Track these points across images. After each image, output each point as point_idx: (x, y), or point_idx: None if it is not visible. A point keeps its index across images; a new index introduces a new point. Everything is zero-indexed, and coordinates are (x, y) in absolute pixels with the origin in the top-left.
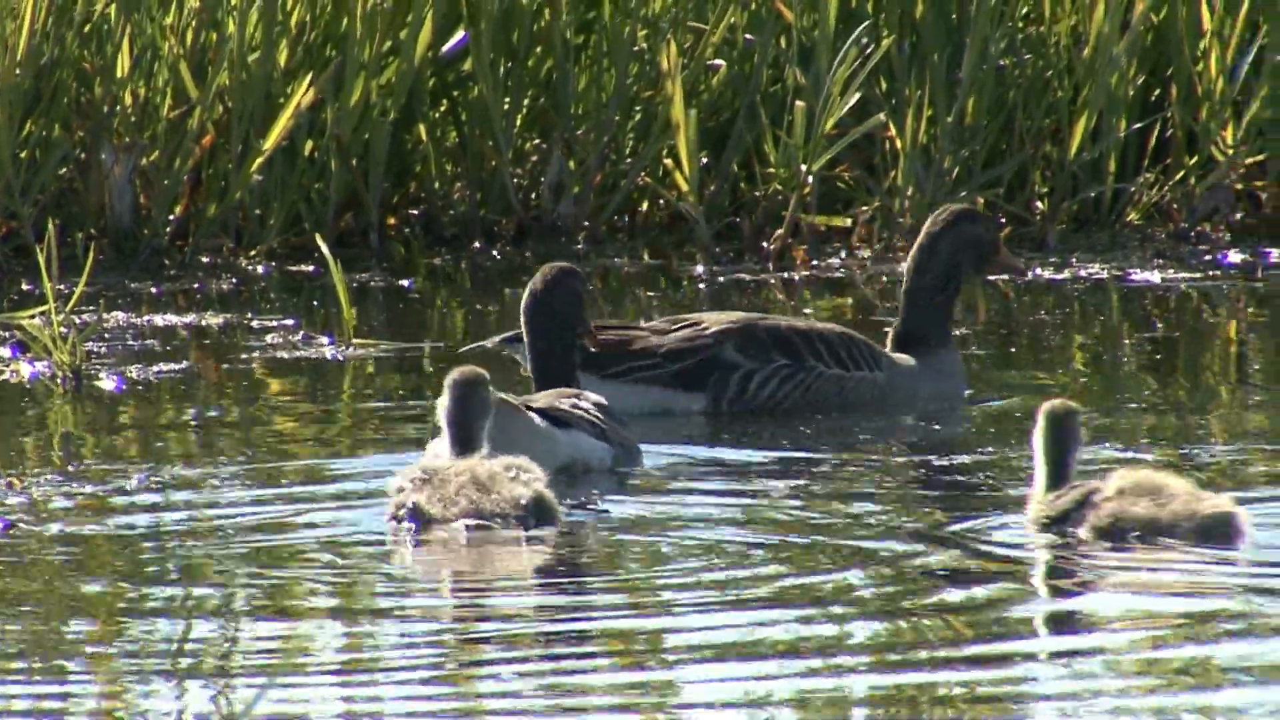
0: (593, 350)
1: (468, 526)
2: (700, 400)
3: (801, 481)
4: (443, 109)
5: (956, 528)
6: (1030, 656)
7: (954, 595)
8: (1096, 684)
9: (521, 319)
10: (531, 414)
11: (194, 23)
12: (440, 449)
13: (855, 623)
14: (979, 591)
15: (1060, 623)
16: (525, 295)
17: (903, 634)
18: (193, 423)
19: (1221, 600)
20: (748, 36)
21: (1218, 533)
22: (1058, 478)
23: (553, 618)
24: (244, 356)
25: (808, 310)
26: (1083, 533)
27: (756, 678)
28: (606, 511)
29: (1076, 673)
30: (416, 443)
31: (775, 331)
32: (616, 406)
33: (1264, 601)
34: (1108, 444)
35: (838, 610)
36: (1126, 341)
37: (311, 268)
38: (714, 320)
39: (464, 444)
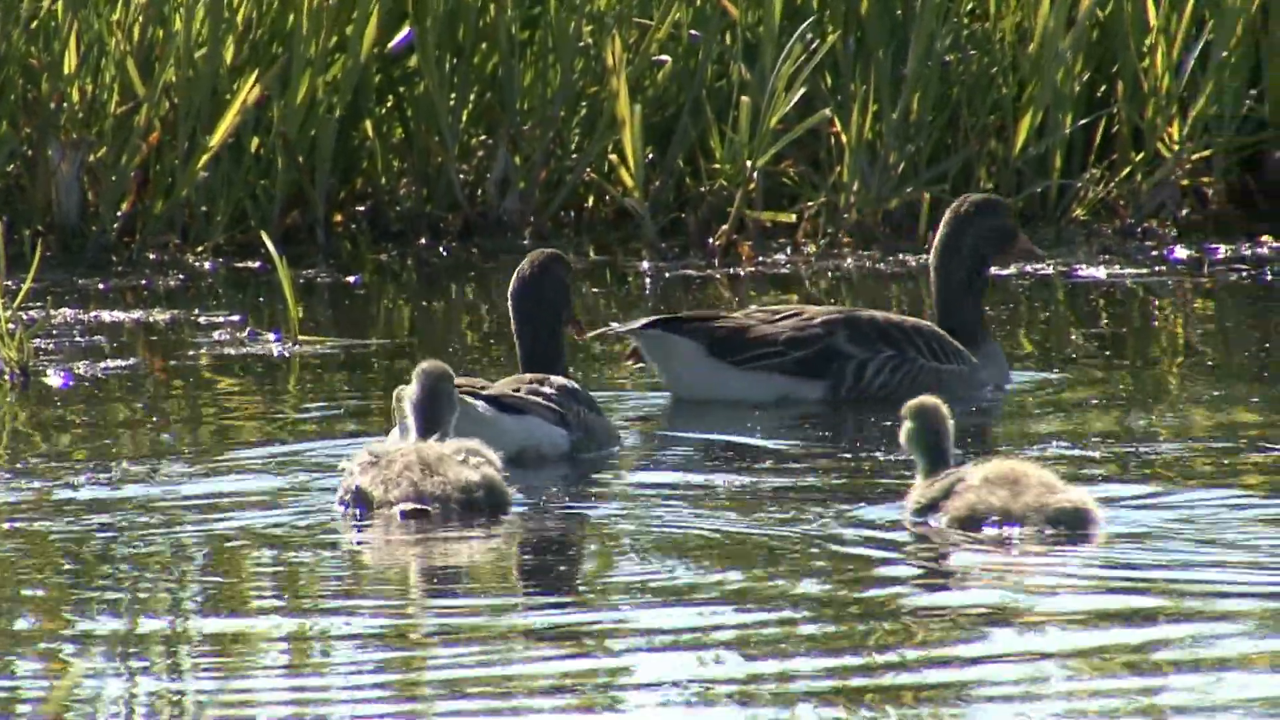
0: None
1: (403, 512)
2: (819, 389)
3: (765, 474)
4: (388, 105)
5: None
6: (978, 654)
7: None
8: (1047, 681)
9: (509, 304)
10: (476, 401)
11: (141, 19)
12: (397, 438)
13: (801, 615)
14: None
15: (996, 620)
16: (513, 280)
17: (850, 629)
18: (140, 419)
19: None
20: (693, 32)
21: (1068, 525)
22: (935, 466)
23: (494, 612)
24: (191, 353)
25: (752, 305)
26: (943, 521)
27: (703, 671)
28: (561, 499)
29: (1022, 672)
30: (361, 437)
31: (875, 323)
32: (735, 393)
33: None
34: (1057, 441)
35: (784, 607)
36: (1073, 337)
37: (258, 264)
38: (815, 310)
39: (429, 435)
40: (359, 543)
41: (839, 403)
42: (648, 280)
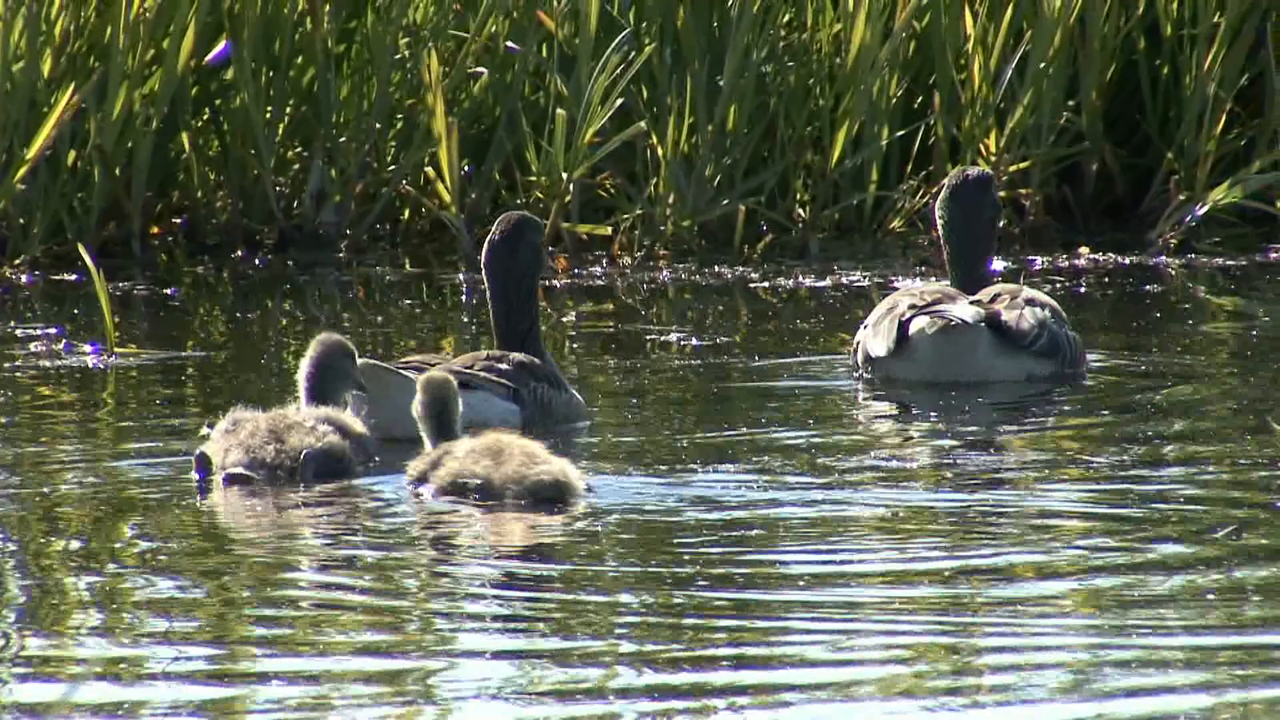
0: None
1: (225, 478)
2: (1049, 367)
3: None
4: (205, 118)
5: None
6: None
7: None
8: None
9: (483, 271)
10: (406, 373)
11: None
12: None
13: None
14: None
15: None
16: (485, 246)
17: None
18: None
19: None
20: (509, 45)
21: (545, 496)
22: (440, 438)
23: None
24: (7, 365)
25: (569, 316)
26: (430, 491)
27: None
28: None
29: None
30: (180, 447)
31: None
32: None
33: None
34: (875, 452)
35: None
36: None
37: (75, 276)
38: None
39: (319, 402)
40: (201, 508)
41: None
42: (463, 293)
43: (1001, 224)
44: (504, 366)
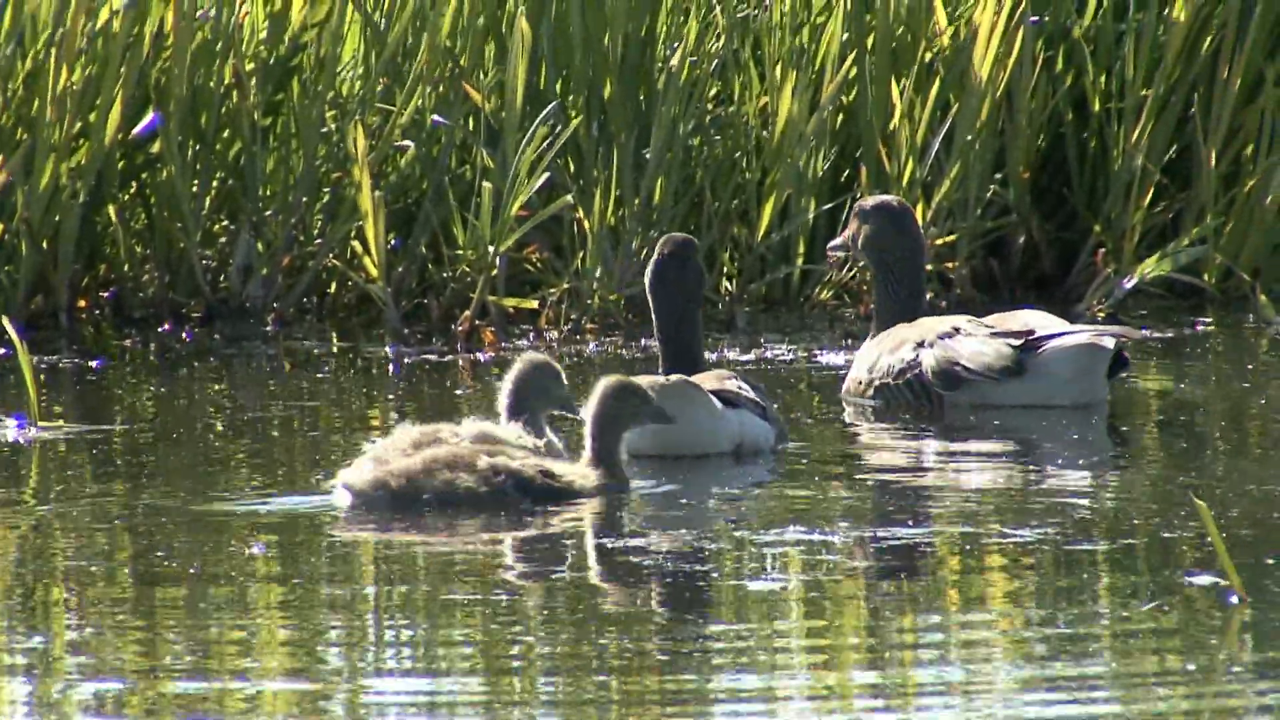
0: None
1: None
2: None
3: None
4: (132, 191)
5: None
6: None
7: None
8: None
9: (649, 292)
10: (712, 396)
11: None
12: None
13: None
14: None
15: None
16: (652, 267)
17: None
18: None
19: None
20: (436, 118)
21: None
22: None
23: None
24: None
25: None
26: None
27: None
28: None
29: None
30: (101, 521)
31: None
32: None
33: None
34: (796, 524)
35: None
36: (807, 422)
37: (1, 350)
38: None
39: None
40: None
41: None
42: (390, 366)
43: (929, 297)
44: (746, 386)
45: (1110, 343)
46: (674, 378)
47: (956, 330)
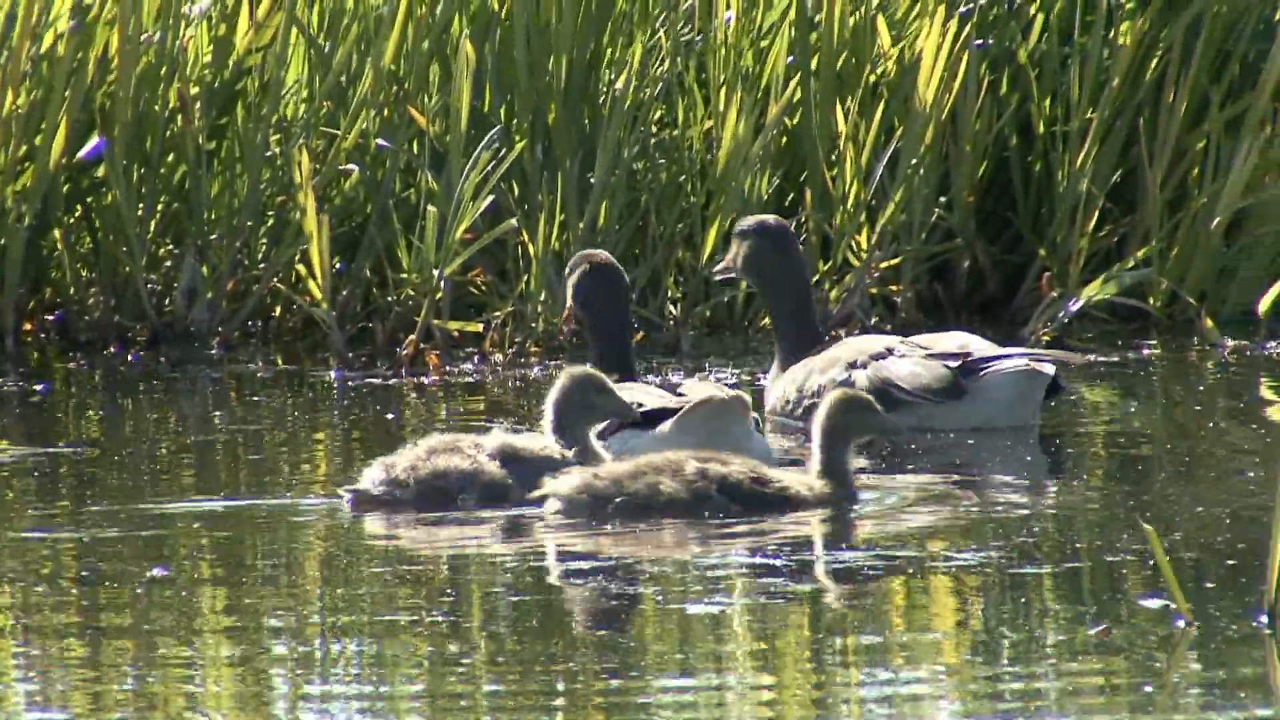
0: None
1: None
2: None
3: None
4: (77, 215)
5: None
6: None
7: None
8: None
9: (576, 299)
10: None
11: None
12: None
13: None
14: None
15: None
16: (577, 275)
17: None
18: None
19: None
20: (380, 141)
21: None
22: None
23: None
24: None
25: (441, 413)
26: None
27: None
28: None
29: None
30: (47, 546)
31: None
32: None
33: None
34: (746, 549)
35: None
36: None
37: None
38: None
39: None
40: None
41: None
42: (334, 390)
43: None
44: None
45: (1050, 368)
46: (730, 393)
47: (889, 351)
